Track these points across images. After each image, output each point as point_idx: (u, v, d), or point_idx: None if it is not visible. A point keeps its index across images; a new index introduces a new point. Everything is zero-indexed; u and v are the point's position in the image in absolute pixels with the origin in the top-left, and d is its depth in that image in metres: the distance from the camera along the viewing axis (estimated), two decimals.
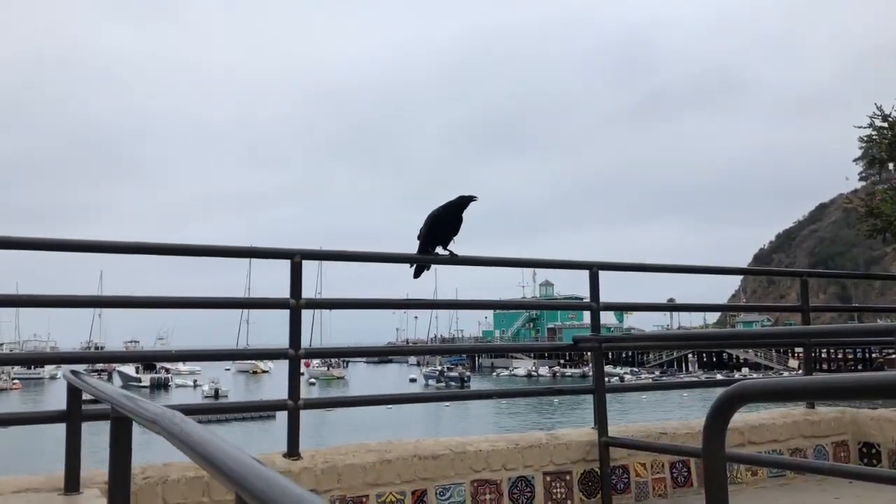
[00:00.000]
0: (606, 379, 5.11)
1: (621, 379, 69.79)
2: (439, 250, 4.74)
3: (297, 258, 4.20)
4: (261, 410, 4.78)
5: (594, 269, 5.14)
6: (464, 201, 4.67)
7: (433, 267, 4.94)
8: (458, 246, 4.78)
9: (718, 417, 1.89)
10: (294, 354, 4.15)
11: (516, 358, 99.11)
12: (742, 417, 5.68)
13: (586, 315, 5.35)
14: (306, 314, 4.25)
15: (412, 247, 4.83)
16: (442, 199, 4.73)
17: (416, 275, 4.91)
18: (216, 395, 60.72)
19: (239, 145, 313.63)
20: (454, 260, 4.78)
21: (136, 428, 2.20)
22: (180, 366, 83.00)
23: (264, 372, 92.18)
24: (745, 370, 78.44)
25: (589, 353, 5.31)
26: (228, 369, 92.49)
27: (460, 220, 4.70)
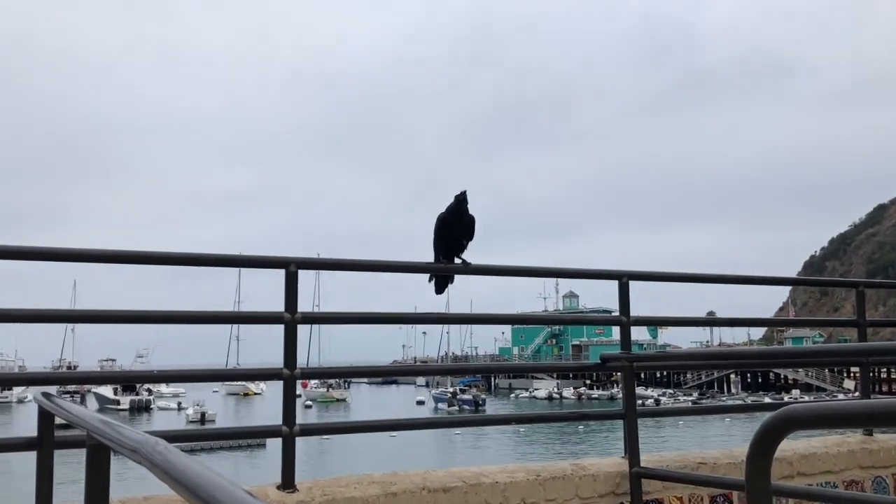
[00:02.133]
0: (639, 402, 5.10)
1: (657, 402, 69.62)
2: (455, 259, 4.76)
3: (292, 267, 4.22)
4: (253, 437, 4.78)
5: (624, 278, 5.14)
6: (460, 202, 4.70)
7: (455, 279, 4.94)
8: (469, 252, 4.80)
9: (764, 445, 1.88)
10: (289, 375, 4.16)
11: (537, 378, 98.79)
12: (790, 445, 5.65)
13: (615, 330, 5.34)
14: (303, 329, 4.27)
15: (418, 250, 4.87)
16: (450, 198, 4.76)
17: (439, 290, 4.91)
18: (202, 419, 60.84)
19: (225, 140, 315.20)
20: (467, 269, 4.79)
21: (114, 457, 2.21)
22: (163, 387, 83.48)
23: (256, 394, 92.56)
24: (794, 392, 77.96)
25: (618, 374, 5.30)
26: (216, 391, 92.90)
27: (471, 222, 4.72)
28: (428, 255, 4.91)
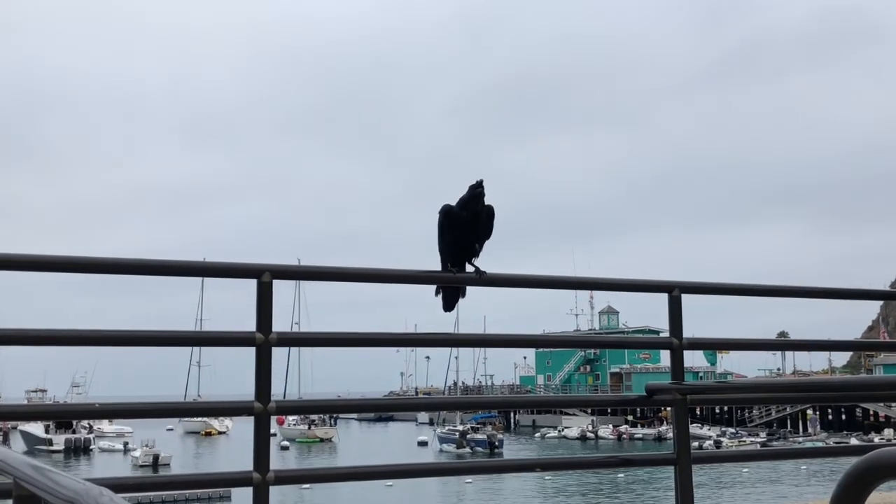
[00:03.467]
0: (694, 443, 5.09)
1: (717, 444, 69.42)
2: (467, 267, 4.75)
3: (266, 277, 4.23)
4: (217, 486, 4.79)
5: (675, 291, 5.13)
6: (475, 193, 4.64)
7: (467, 292, 4.92)
8: (483, 258, 4.77)
9: (849, 498, 1.87)
10: (262, 409, 4.16)
11: (567, 414, 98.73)
12: (882, 498, 5.64)
13: (664, 355, 5.34)
14: (279, 353, 4.28)
15: (419, 256, 4.85)
16: (461, 191, 4.72)
17: (447, 306, 4.88)
18: (155, 463, 61.03)
19: (178, 120, 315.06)
20: (480, 279, 4.78)
21: None
22: (105, 424, 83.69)
23: (220, 433, 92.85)
24: (887, 432, 77.63)
25: (668, 409, 5.29)
26: (171, 429, 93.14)
27: (489, 217, 4.70)
28: (431, 262, 4.89)
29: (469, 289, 4.89)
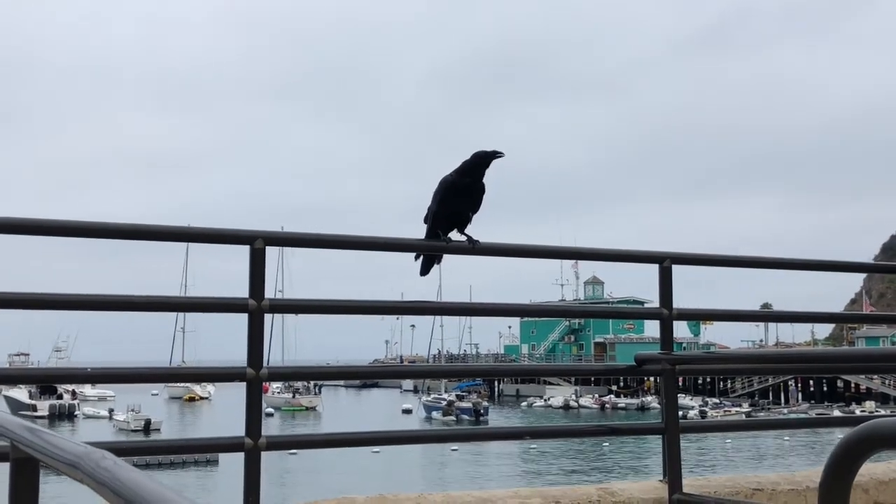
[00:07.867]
0: (680, 414, 5.09)
1: (702, 414, 69.93)
2: (454, 235, 4.72)
3: (258, 243, 4.21)
4: (209, 451, 4.80)
5: (666, 261, 5.11)
6: (482, 160, 4.62)
7: (443, 258, 4.93)
8: (471, 227, 4.75)
9: (841, 469, 1.89)
10: (254, 375, 4.16)
11: (551, 384, 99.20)
12: (866, 469, 5.67)
13: (647, 325, 5.38)
14: (266, 321, 4.25)
15: (401, 226, 4.83)
16: (441, 161, 4.71)
17: (424, 270, 4.88)
18: (147, 428, 60.80)
19: (154, 85, 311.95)
20: (474, 249, 4.77)
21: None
22: (87, 388, 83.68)
23: (203, 398, 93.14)
24: (868, 404, 78.28)
25: (651, 379, 5.30)
26: (156, 394, 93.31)
27: (482, 191, 4.69)
28: (414, 229, 4.87)
29: (458, 257, 4.89)
